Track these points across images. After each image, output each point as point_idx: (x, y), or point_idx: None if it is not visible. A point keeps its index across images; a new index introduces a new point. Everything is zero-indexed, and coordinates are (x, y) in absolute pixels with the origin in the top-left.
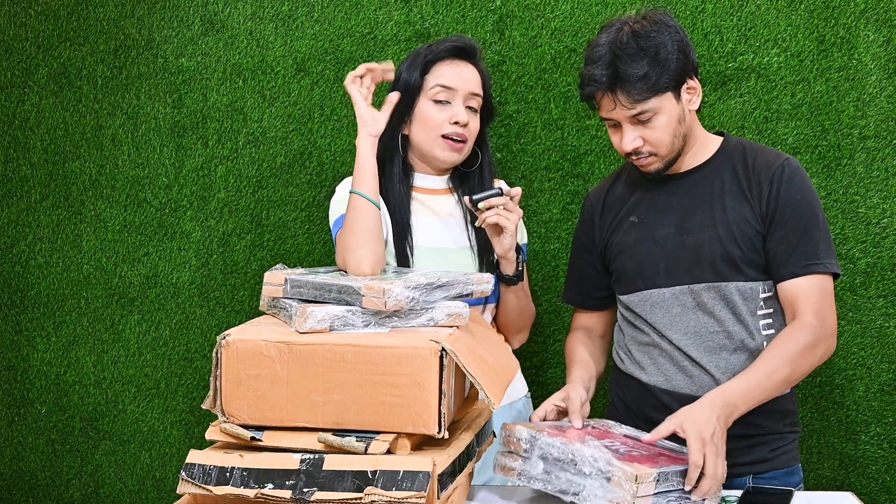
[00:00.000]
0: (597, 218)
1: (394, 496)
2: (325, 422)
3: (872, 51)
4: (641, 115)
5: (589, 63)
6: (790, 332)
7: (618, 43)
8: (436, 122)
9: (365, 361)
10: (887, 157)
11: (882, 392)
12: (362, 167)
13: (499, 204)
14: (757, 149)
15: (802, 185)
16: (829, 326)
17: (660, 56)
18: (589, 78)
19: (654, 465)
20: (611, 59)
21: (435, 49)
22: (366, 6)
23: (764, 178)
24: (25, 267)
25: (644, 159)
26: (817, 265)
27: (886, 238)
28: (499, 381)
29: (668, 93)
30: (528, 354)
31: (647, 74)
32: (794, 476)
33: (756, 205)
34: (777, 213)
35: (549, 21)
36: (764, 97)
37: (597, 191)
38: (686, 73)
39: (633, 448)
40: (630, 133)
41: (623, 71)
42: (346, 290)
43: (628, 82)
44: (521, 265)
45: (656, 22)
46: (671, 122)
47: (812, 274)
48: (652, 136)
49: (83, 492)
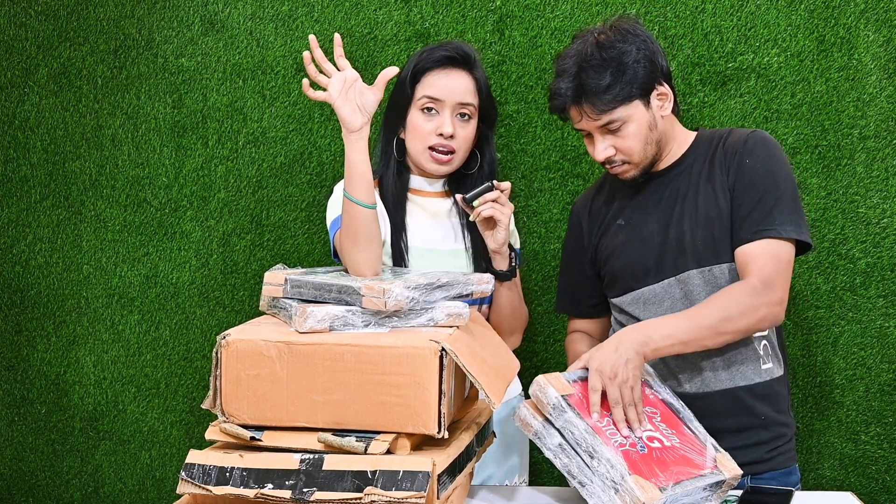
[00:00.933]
0: (584, 224)
1: (393, 496)
2: (324, 422)
3: (872, 51)
4: (610, 124)
5: (556, 76)
6: (729, 288)
7: (583, 55)
8: (423, 132)
9: (365, 361)
10: (887, 157)
11: (882, 392)
12: (349, 169)
13: (491, 198)
14: (728, 131)
15: (766, 154)
16: (775, 293)
17: (624, 66)
18: (555, 91)
19: (670, 476)
20: (576, 71)
21: (426, 59)
22: (366, 6)
23: (730, 154)
24: (25, 267)
25: (618, 167)
26: (769, 230)
27: (886, 238)
28: (499, 381)
29: (636, 101)
30: (528, 354)
31: (611, 85)
32: (791, 476)
33: (724, 181)
34: (737, 183)
35: (549, 21)
36: (764, 97)
37: (582, 199)
38: (654, 80)
39: (661, 439)
40: (601, 143)
41: (587, 83)
42: (346, 290)
43: (593, 94)
44: (513, 261)
45: (621, 31)
46: (641, 130)
47: (763, 239)
48: (623, 145)
49: (83, 492)
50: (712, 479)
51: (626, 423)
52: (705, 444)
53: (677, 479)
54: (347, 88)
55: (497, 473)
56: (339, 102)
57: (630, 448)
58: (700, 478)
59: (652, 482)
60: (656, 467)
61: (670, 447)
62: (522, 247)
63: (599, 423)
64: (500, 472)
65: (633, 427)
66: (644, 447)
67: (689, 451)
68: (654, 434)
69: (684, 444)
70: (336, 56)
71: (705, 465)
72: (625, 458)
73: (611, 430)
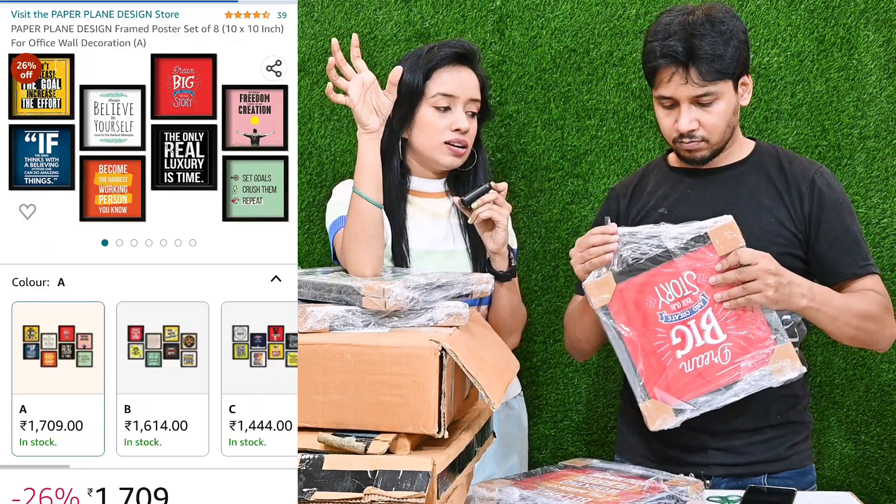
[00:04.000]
0: (622, 206)
1: (393, 496)
2: (324, 422)
3: (872, 51)
4: (705, 96)
5: (661, 37)
6: (868, 293)
7: (692, 23)
8: (437, 128)
9: (365, 361)
10: (887, 157)
11: (882, 392)
12: (361, 166)
13: (489, 200)
14: (790, 155)
15: (840, 190)
16: (894, 322)
17: (736, 41)
18: (663, 49)
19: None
20: (685, 35)
21: (436, 55)
22: (366, 6)
23: (802, 183)
24: None
25: (694, 143)
26: (871, 265)
27: (886, 238)
28: (499, 381)
29: (731, 81)
30: (528, 354)
31: (721, 55)
32: (808, 476)
33: (795, 209)
34: (822, 216)
35: (549, 21)
36: (764, 97)
37: (622, 184)
38: (746, 66)
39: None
40: (688, 114)
41: (699, 47)
42: (346, 290)
43: (704, 60)
44: (512, 261)
45: (727, 11)
46: (728, 111)
47: (870, 275)
48: (709, 121)
49: None
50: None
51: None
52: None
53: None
54: (366, 91)
55: (497, 473)
56: (359, 106)
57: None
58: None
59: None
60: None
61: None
62: (522, 247)
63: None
64: (500, 472)
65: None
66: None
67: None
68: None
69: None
70: (353, 57)
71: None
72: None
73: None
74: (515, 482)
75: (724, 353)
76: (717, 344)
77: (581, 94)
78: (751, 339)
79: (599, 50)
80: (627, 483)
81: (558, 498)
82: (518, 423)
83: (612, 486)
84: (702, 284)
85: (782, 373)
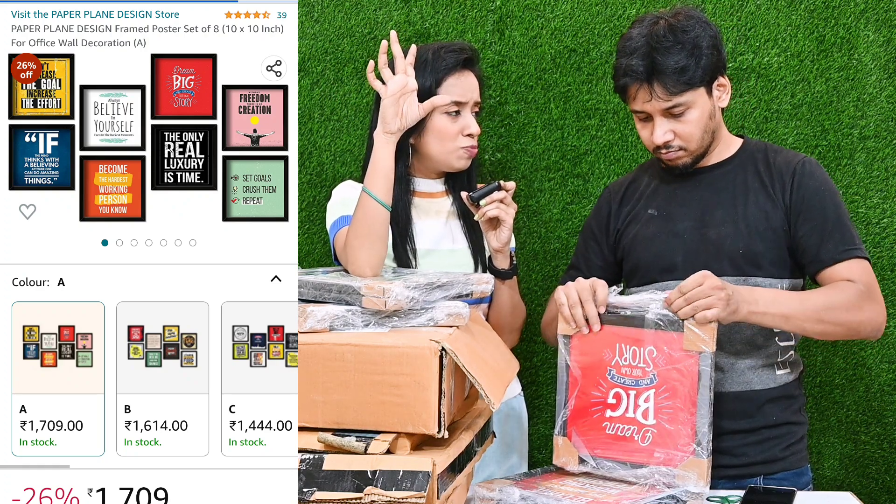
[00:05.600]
0: (613, 207)
1: (394, 496)
2: (324, 421)
3: (872, 51)
4: (675, 108)
5: (624, 55)
6: (836, 283)
7: (654, 35)
8: (450, 134)
9: (365, 361)
10: (887, 157)
11: (882, 392)
12: (375, 165)
13: (498, 198)
14: (777, 149)
15: (824, 178)
16: (878, 301)
17: (696, 50)
18: (626, 69)
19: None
20: (647, 50)
21: (444, 61)
22: (366, 6)
23: (785, 174)
24: None
25: (673, 153)
26: (855, 250)
27: (886, 238)
28: (499, 381)
29: (702, 88)
30: (528, 354)
31: (685, 67)
32: (803, 477)
33: (779, 201)
34: (802, 205)
35: (549, 21)
36: (764, 97)
37: (616, 184)
38: (718, 70)
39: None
40: (662, 126)
41: (661, 63)
42: (346, 289)
43: (665, 74)
44: (514, 259)
45: (691, 17)
46: (702, 117)
47: (853, 259)
48: (683, 130)
49: None
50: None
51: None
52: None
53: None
54: (403, 93)
55: (497, 473)
56: (390, 101)
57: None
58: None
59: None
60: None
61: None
62: (522, 247)
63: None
64: (500, 471)
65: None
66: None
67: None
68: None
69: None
70: (406, 63)
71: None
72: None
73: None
74: (515, 482)
75: (646, 435)
76: (643, 424)
77: (581, 94)
78: (674, 437)
79: (599, 50)
80: (627, 483)
81: (558, 498)
82: (518, 423)
83: (612, 486)
84: (657, 365)
85: (685, 482)
